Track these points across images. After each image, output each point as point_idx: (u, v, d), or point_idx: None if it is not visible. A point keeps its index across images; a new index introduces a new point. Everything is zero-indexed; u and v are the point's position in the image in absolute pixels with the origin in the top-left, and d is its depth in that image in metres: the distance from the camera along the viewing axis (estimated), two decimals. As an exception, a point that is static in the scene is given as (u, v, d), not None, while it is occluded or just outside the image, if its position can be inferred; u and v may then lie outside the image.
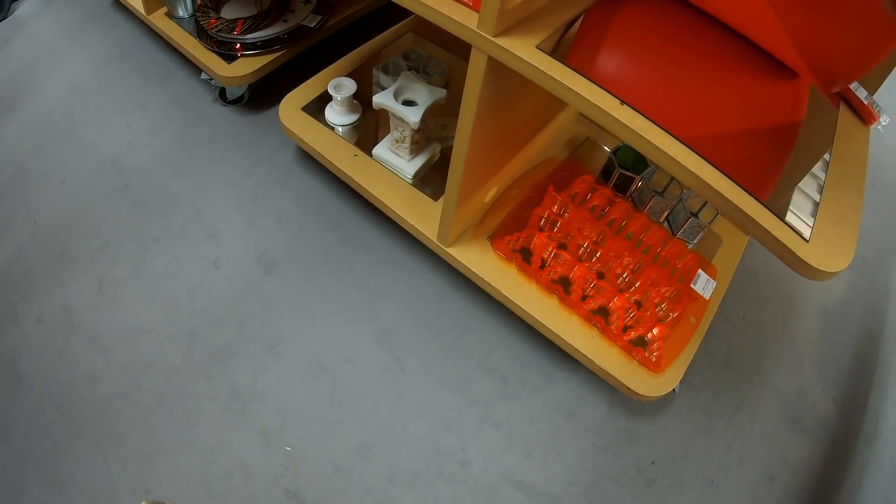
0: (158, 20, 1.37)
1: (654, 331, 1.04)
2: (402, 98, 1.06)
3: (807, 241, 0.70)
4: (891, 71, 0.98)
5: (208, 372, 1.02)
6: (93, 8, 1.55)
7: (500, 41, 0.73)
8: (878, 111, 0.95)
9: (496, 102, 0.85)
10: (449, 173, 0.92)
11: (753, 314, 1.27)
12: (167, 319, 1.06)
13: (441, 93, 1.05)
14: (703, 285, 1.09)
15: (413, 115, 1.02)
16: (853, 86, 0.95)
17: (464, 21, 0.76)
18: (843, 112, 0.94)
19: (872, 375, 1.37)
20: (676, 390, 1.12)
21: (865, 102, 0.94)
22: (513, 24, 0.75)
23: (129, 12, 1.49)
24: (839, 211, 0.77)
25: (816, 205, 0.76)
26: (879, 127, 0.95)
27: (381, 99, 1.03)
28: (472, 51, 0.75)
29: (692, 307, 1.08)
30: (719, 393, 1.17)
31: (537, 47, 0.73)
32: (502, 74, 0.77)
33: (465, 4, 0.77)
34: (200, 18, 1.29)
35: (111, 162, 1.25)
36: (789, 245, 0.67)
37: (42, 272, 1.10)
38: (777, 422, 1.19)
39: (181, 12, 1.34)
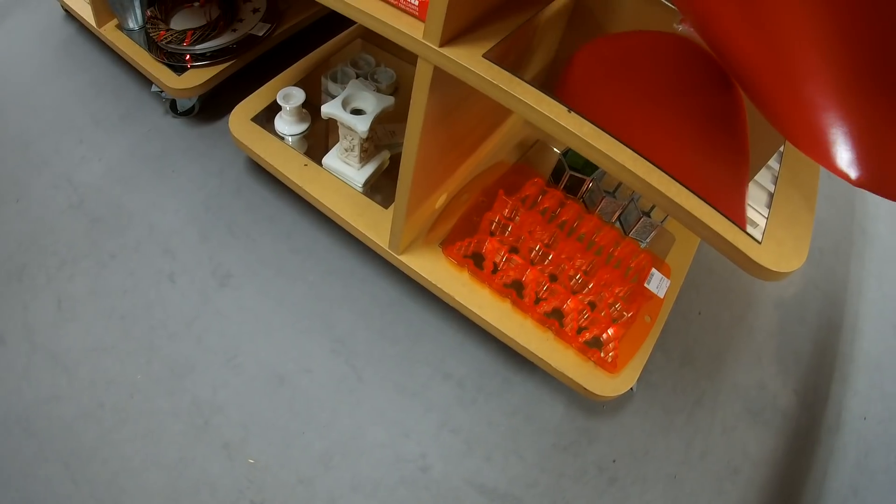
0: (109, 33, 1.35)
1: (609, 331, 1.05)
2: (350, 107, 1.05)
3: (759, 243, 0.70)
4: None
5: (169, 387, 1.02)
6: (45, 21, 1.53)
7: (447, 51, 0.72)
8: None
9: (444, 111, 0.85)
10: (398, 182, 0.92)
11: (710, 309, 1.28)
12: (126, 335, 1.06)
13: (389, 100, 1.04)
14: (657, 284, 1.10)
15: (361, 125, 1.01)
16: None
17: (409, 31, 0.75)
18: None
19: (833, 366, 1.38)
20: (634, 389, 1.12)
21: None
22: (459, 34, 0.74)
23: (80, 25, 1.47)
24: (792, 210, 0.77)
25: (772, 196, 0.77)
26: None
27: (328, 109, 1.03)
28: (419, 61, 0.75)
29: (647, 306, 1.09)
30: (678, 389, 1.17)
31: (484, 56, 0.72)
32: (449, 83, 0.77)
33: (411, 14, 0.76)
34: (150, 30, 1.28)
35: (65, 178, 1.24)
36: (741, 248, 0.67)
37: (3, 291, 1.09)
38: (738, 415, 1.20)
39: (131, 24, 1.32)
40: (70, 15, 1.50)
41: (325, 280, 1.15)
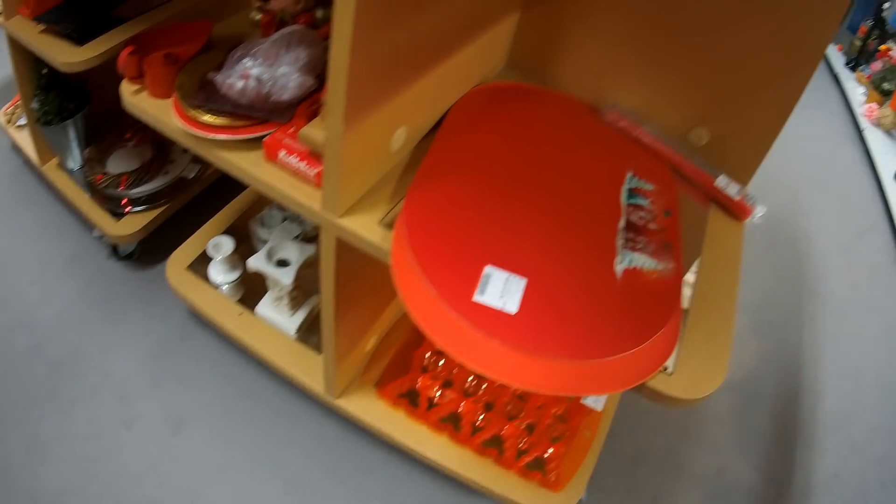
0: (51, 172, 1.38)
1: (550, 451, 1.06)
2: (275, 258, 1.07)
3: (669, 374, 0.70)
4: (763, 159, 0.97)
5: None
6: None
7: (345, 221, 0.75)
8: (752, 204, 0.94)
9: (356, 267, 0.86)
10: (323, 334, 0.94)
11: (657, 406, 1.28)
12: (93, 479, 1.08)
13: (311, 249, 1.07)
14: (594, 399, 1.11)
15: (285, 278, 1.04)
16: (723, 183, 0.94)
17: (308, 202, 0.77)
18: (714, 215, 0.94)
19: (795, 433, 1.39)
20: (584, 499, 1.13)
21: (737, 199, 0.94)
22: (358, 200, 0.76)
23: (25, 160, 1.50)
24: (708, 328, 0.77)
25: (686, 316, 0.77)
26: (756, 219, 0.95)
27: (254, 263, 1.05)
28: (321, 231, 0.77)
29: (586, 421, 1.10)
30: (632, 490, 1.19)
31: (380, 223, 0.75)
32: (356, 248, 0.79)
33: (311, 184, 0.78)
34: (88, 173, 1.30)
35: (21, 321, 1.27)
36: (653, 386, 0.68)
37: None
38: (698, 504, 1.21)
39: (71, 164, 1.35)
40: (14, 148, 1.52)
41: (272, 423, 1.17)
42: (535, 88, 1.02)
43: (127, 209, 1.27)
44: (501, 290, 0.68)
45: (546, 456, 1.06)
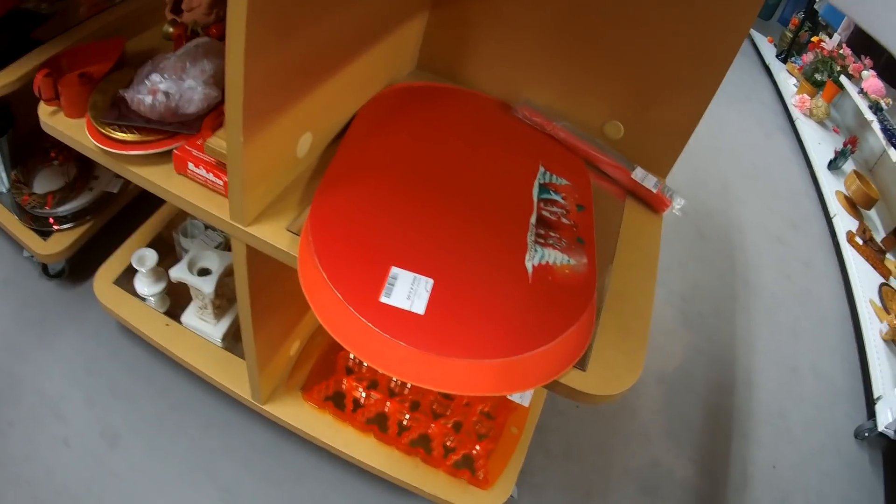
0: (-21, 197, 1.38)
1: (477, 448, 1.07)
2: (197, 267, 1.08)
3: (584, 371, 0.71)
4: (680, 151, 1.00)
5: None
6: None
7: (253, 230, 0.76)
8: (671, 196, 0.96)
9: (271, 273, 0.87)
10: (243, 341, 0.95)
11: (587, 400, 1.30)
12: (35, 501, 1.08)
13: (230, 257, 1.07)
14: (520, 395, 1.13)
15: (207, 287, 1.05)
16: (639, 175, 0.96)
17: (217, 212, 0.79)
18: (631, 208, 0.96)
19: (730, 424, 1.41)
20: (514, 495, 1.15)
21: (655, 191, 0.96)
22: (265, 208, 0.78)
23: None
24: (623, 324, 0.78)
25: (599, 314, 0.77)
26: (675, 211, 0.96)
27: (175, 273, 1.06)
28: (232, 239, 0.78)
29: (513, 417, 1.12)
30: (565, 486, 1.20)
31: (288, 229, 0.76)
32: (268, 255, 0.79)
33: (219, 192, 0.79)
34: (16, 195, 1.31)
35: None
36: (567, 382, 0.69)
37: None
38: (633, 498, 1.22)
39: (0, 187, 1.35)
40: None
41: (205, 433, 1.18)
42: (445, 87, 1.04)
43: (54, 228, 1.27)
44: (408, 292, 0.69)
45: (473, 454, 1.07)
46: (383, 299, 0.67)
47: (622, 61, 0.95)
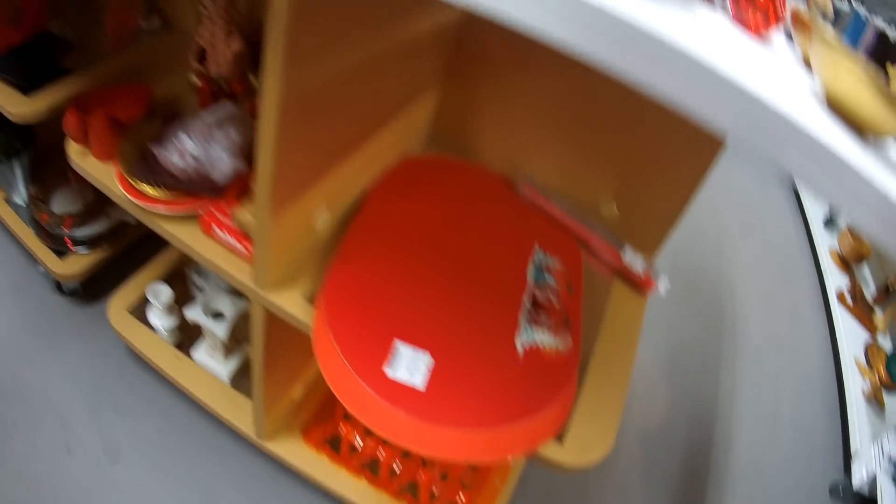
0: (-2, 204, 1.41)
1: (461, 496, 1.14)
2: (211, 309, 1.13)
3: (561, 445, 0.78)
4: (668, 231, 1.05)
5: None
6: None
7: (273, 297, 0.82)
8: (656, 278, 1.02)
9: (283, 328, 0.92)
10: (253, 387, 1.01)
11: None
12: (35, 500, 1.13)
13: (242, 304, 1.13)
14: (507, 449, 1.18)
15: (220, 331, 1.10)
16: (628, 258, 1.03)
17: (240, 276, 0.84)
18: (617, 287, 1.03)
19: (705, 482, 1.47)
20: (495, 541, 1.21)
21: (642, 273, 1.02)
22: (283, 276, 0.83)
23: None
24: (600, 399, 0.85)
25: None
26: (660, 292, 1.02)
27: (191, 315, 1.11)
28: (251, 303, 0.84)
29: (497, 471, 1.18)
30: (542, 534, 1.26)
31: (304, 297, 0.83)
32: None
33: (242, 256, 0.84)
34: (34, 211, 1.34)
35: None
36: (545, 453, 0.76)
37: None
38: (606, 548, 1.29)
39: (17, 199, 1.38)
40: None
41: (205, 457, 1.23)
42: (452, 162, 1.10)
43: (71, 249, 1.31)
44: (409, 365, 0.76)
45: (456, 502, 1.14)
46: (387, 371, 0.74)
47: (619, 144, 1.01)
